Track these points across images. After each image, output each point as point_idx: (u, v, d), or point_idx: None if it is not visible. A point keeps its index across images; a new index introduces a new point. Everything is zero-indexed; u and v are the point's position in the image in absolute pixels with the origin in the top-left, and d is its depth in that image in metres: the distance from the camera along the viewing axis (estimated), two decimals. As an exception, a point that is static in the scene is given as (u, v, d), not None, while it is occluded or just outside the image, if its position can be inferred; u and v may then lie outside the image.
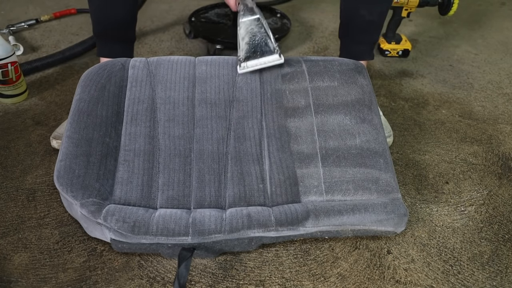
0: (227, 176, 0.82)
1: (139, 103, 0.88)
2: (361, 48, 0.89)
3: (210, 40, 1.43)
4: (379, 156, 0.85)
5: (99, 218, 0.73)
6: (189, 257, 0.72)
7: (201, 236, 0.73)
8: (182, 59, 0.95)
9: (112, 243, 0.75)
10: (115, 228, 0.72)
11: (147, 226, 0.73)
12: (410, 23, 1.73)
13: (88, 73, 0.91)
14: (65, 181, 0.75)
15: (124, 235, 0.73)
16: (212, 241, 0.75)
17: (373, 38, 1.08)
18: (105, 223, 0.73)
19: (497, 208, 0.93)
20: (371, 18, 0.97)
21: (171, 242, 0.74)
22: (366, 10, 0.90)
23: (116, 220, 0.72)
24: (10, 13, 1.63)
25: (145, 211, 0.75)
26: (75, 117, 0.84)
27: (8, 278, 0.75)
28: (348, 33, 1.10)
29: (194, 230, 0.73)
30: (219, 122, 0.88)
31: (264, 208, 0.78)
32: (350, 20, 1.06)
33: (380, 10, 1.02)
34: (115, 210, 0.74)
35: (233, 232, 0.74)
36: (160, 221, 0.73)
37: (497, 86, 1.37)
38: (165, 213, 0.75)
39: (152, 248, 0.75)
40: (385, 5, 1.02)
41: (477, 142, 1.12)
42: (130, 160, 0.82)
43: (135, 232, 0.72)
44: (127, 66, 0.93)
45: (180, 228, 0.73)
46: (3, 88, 1.14)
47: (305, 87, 0.93)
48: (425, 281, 0.78)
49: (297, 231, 0.77)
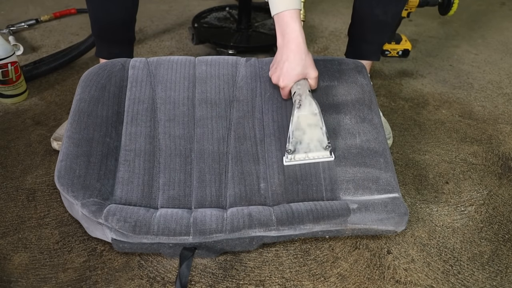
0: (227, 176, 0.82)
1: (139, 103, 0.89)
2: (370, 48, 0.88)
3: (220, 45, 1.43)
4: (379, 156, 0.85)
5: (100, 218, 0.73)
6: (190, 256, 0.72)
7: (202, 236, 0.73)
8: (182, 59, 0.95)
9: (113, 243, 0.75)
10: (116, 228, 0.72)
11: (148, 226, 0.73)
12: (410, 23, 1.73)
13: (88, 73, 0.91)
14: (66, 181, 0.75)
15: (125, 235, 0.73)
16: (213, 240, 0.75)
17: (383, 38, 1.07)
18: (106, 223, 0.73)
19: (497, 208, 0.93)
20: (384, 19, 0.96)
21: (172, 242, 0.74)
22: (381, 10, 0.88)
23: (117, 220, 0.72)
24: (10, 13, 1.63)
25: (146, 211, 0.75)
26: (75, 117, 0.84)
27: (8, 278, 0.75)
28: (359, 31, 1.09)
29: (195, 230, 0.73)
30: (219, 122, 0.88)
31: (265, 208, 0.78)
32: (363, 18, 1.05)
33: (395, 10, 1.01)
34: (116, 210, 0.74)
35: (234, 232, 0.74)
36: (161, 220, 0.74)
37: (497, 86, 1.37)
38: (166, 212, 0.75)
39: (153, 248, 0.75)
40: (400, 6, 1.00)
41: (477, 142, 1.12)
42: (131, 160, 0.82)
43: (136, 232, 0.72)
44: (127, 66, 0.93)
45: (181, 228, 0.73)
46: (3, 88, 1.14)
47: None
48: (425, 281, 0.78)
49: (298, 230, 0.77)
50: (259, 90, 0.93)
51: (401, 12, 1.03)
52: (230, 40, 1.45)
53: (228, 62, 0.96)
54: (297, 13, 0.81)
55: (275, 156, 0.85)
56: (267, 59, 0.98)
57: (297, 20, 0.81)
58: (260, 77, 0.94)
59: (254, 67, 0.96)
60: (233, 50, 1.41)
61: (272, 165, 0.84)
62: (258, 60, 0.97)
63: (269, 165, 0.84)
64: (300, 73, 0.83)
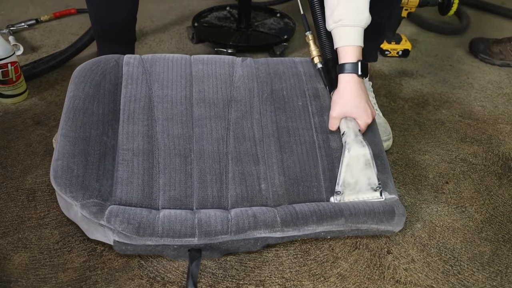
0: (228, 176, 0.82)
1: (135, 101, 0.87)
2: (367, 49, 0.89)
3: (220, 44, 1.43)
4: (375, 157, 0.85)
5: (102, 220, 0.71)
6: (199, 257, 0.72)
7: (208, 237, 0.73)
8: (177, 57, 0.94)
9: (115, 245, 0.73)
10: (119, 229, 0.71)
11: (152, 228, 0.71)
12: (410, 23, 1.72)
13: (82, 69, 0.88)
14: (63, 181, 0.73)
15: (129, 237, 0.71)
16: (218, 242, 0.74)
17: (379, 39, 1.08)
18: (108, 225, 0.71)
19: (497, 208, 0.93)
20: (379, 20, 0.97)
21: (177, 244, 0.73)
22: (375, 12, 0.90)
23: (120, 221, 0.71)
24: (10, 13, 1.63)
25: (149, 212, 0.74)
26: (69, 114, 0.81)
27: (8, 278, 0.75)
28: None
29: (201, 231, 0.73)
30: (218, 122, 0.87)
31: (269, 209, 0.77)
32: None
33: (389, 12, 1.02)
34: (119, 211, 0.72)
35: (239, 233, 0.74)
36: (166, 222, 0.72)
37: (497, 86, 1.37)
38: (170, 214, 0.74)
39: (157, 250, 0.74)
40: (394, 7, 1.02)
41: (477, 142, 1.12)
42: (129, 159, 0.80)
43: (140, 234, 0.71)
44: (121, 63, 0.91)
45: (186, 229, 0.72)
46: (3, 88, 1.14)
47: (302, 88, 0.93)
48: (425, 281, 0.78)
49: (302, 231, 0.77)
50: (256, 91, 0.92)
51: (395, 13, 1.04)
52: (230, 39, 1.45)
53: (224, 61, 0.95)
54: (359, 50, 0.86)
55: (274, 157, 0.85)
56: (263, 59, 0.98)
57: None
58: (257, 78, 0.94)
59: (250, 67, 0.95)
60: (233, 50, 1.41)
61: (272, 165, 0.84)
62: (253, 60, 0.97)
63: (269, 165, 0.84)
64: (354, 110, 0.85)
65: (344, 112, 0.86)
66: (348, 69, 0.85)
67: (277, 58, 0.99)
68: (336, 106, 0.86)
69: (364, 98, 0.86)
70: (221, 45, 1.42)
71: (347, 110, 0.85)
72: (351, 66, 0.85)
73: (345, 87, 0.86)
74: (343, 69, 0.85)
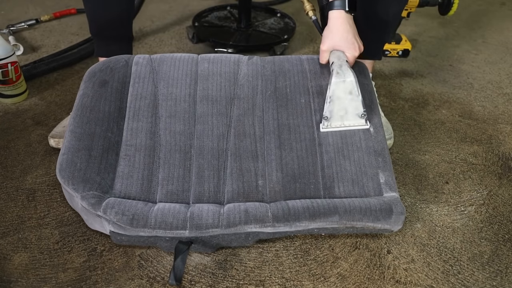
0: (226, 172, 0.83)
1: (141, 99, 0.89)
2: (372, 47, 0.90)
3: (220, 44, 1.43)
4: (378, 155, 0.85)
5: (99, 211, 0.74)
6: (185, 250, 0.73)
7: (198, 230, 0.74)
8: (185, 57, 0.96)
9: (111, 235, 0.76)
10: (114, 220, 0.73)
11: (145, 219, 0.74)
12: (410, 23, 1.73)
13: (92, 69, 0.92)
14: (67, 174, 0.77)
15: (123, 227, 0.74)
16: (209, 235, 0.76)
17: (385, 38, 1.08)
18: (104, 216, 0.74)
19: (497, 208, 0.93)
20: (386, 18, 0.98)
21: (169, 236, 0.75)
22: (382, 10, 0.91)
23: (115, 212, 0.73)
24: (10, 13, 1.63)
25: (144, 205, 0.76)
26: (78, 111, 0.85)
27: (8, 278, 0.75)
28: (361, 31, 1.10)
29: (192, 224, 0.74)
30: (219, 119, 0.89)
31: (262, 204, 0.78)
32: (365, 19, 1.06)
33: (395, 11, 1.02)
34: (115, 203, 0.75)
35: (230, 227, 0.75)
36: (159, 214, 0.75)
37: (497, 86, 1.37)
38: (164, 207, 0.76)
39: (150, 241, 0.77)
40: (401, 6, 1.02)
41: (477, 142, 1.12)
42: (131, 155, 0.83)
43: (134, 225, 0.73)
44: (130, 63, 0.94)
45: (178, 222, 0.74)
46: (3, 88, 1.14)
47: (306, 86, 0.94)
48: (425, 281, 0.78)
49: (294, 227, 0.77)
50: (260, 88, 0.93)
51: (402, 12, 1.04)
52: (230, 39, 1.45)
53: (231, 60, 0.96)
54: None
55: (274, 154, 0.85)
56: (269, 57, 0.98)
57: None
58: (262, 75, 0.95)
59: (256, 65, 0.96)
60: (233, 49, 1.41)
61: (270, 162, 0.84)
62: (260, 58, 0.98)
63: (267, 162, 0.84)
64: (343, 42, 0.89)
65: (333, 45, 0.90)
66: (337, 5, 0.89)
67: (284, 56, 1.00)
68: (326, 40, 0.91)
69: (351, 32, 0.90)
70: (221, 45, 1.42)
71: (335, 43, 0.90)
72: (339, 2, 0.89)
73: (334, 22, 0.90)
74: (332, 6, 0.89)
